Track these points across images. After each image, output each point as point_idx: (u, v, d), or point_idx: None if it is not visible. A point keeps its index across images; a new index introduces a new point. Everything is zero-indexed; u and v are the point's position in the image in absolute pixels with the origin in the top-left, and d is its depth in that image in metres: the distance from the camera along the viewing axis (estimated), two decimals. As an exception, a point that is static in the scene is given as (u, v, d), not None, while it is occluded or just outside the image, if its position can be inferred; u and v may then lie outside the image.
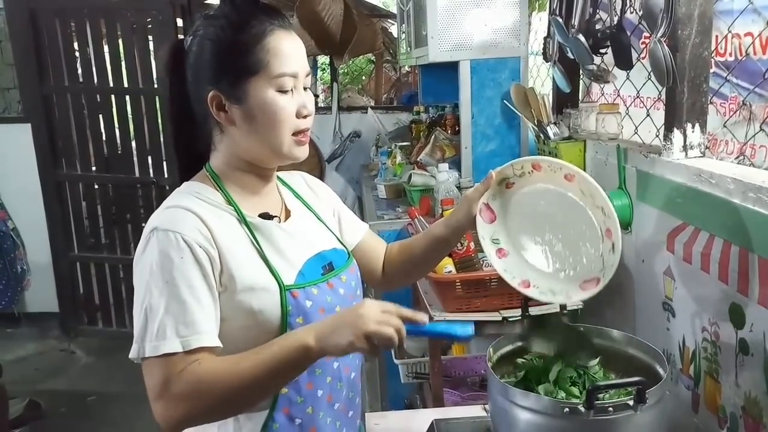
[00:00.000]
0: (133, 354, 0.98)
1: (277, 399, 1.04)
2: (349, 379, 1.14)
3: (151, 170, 4.15)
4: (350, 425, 1.17)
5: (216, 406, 0.95)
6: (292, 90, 1.04)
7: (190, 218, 1.01)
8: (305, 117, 1.07)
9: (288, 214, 1.18)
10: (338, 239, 1.22)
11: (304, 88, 1.08)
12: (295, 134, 1.06)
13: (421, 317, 0.98)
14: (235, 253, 1.02)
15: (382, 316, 0.93)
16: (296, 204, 1.21)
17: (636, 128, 1.79)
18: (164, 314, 0.96)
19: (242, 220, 1.07)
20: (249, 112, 1.03)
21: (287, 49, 1.04)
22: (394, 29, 5.28)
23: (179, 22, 3.98)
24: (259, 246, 1.06)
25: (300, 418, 1.07)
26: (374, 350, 0.93)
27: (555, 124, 2.07)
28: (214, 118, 1.06)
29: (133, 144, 4.15)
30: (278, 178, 1.21)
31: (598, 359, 1.16)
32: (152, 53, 4.01)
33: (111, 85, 4.05)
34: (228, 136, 1.08)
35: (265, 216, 1.11)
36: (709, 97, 1.46)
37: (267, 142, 1.05)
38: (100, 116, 4.14)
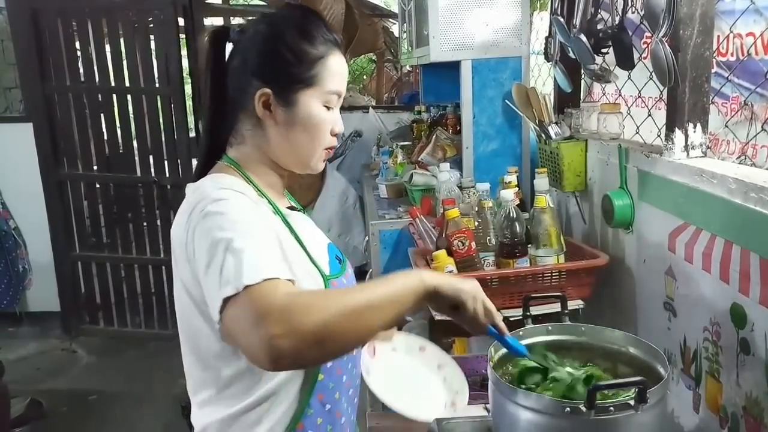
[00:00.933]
0: (228, 292, 0.86)
1: (315, 385, 1.07)
2: (357, 365, 1.19)
3: (152, 170, 4.15)
4: (354, 412, 1.20)
5: (326, 323, 0.83)
6: (333, 108, 1.10)
7: (245, 198, 1.02)
8: (335, 135, 1.12)
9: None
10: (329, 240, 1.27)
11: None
12: (324, 149, 1.11)
13: (505, 329, 1.06)
14: (282, 241, 1.04)
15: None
16: (295, 204, 1.26)
17: (637, 128, 1.79)
18: (250, 252, 0.89)
19: (276, 211, 1.09)
20: (293, 118, 1.07)
21: (340, 70, 1.10)
22: (395, 29, 5.28)
23: (181, 21, 3.98)
24: (295, 233, 1.08)
25: (330, 403, 1.10)
26: (472, 319, 1.00)
27: (556, 123, 2.07)
28: (249, 111, 1.08)
29: (135, 143, 4.15)
30: None
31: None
32: (154, 53, 4.01)
33: (112, 84, 4.05)
34: (263, 132, 1.10)
35: (292, 209, 1.16)
36: (711, 97, 1.46)
37: (299, 149, 1.10)
38: (102, 116, 4.14)
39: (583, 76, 2.15)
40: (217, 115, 1.13)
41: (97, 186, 4.25)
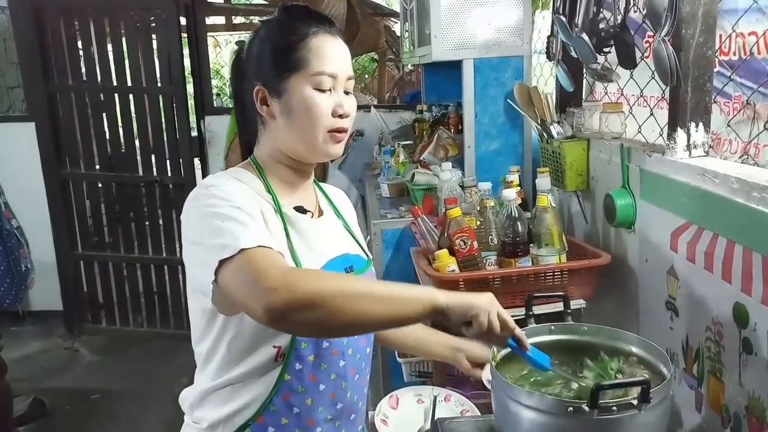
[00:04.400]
0: (226, 254, 0.93)
1: (279, 383, 1.08)
2: (354, 381, 1.17)
3: (154, 169, 4.16)
4: (350, 428, 1.19)
5: (328, 292, 0.89)
6: (330, 90, 1.10)
7: (241, 183, 1.10)
8: (341, 117, 1.12)
9: (321, 213, 1.23)
10: (362, 248, 1.27)
11: (346, 93, 1.13)
12: (330, 131, 1.11)
13: (527, 343, 1.06)
14: (270, 232, 1.07)
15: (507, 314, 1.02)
16: (328, 208, 1.27)
17: (639, 127, 1.79)
18: (246, 225, 0.97)
19: (278, 209, 1.11)
20: (287, 107, 1.10)
21: (329, 51, 1.10)
22: (397, 28, 5.27)
23: (183, 21, 3.98)
24: (289, 237, 1.10)
25: (298, 407, 1.10)
26: (487, 333, 0.98)
27: (558, 123, 2.07)
28: (257, 111, 1.13)
29: (137, 143, 4.16)
30: (317, 184, 1.28)
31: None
32: (156, 52, 4.01)
33: (115, 84, 4.06)
34: (269, 129, 1.15)
35: (300, 210, 1.16)
36: (713, 97, 1.46)
37: (302, 136, 1.11)
38: (104, 115, 4.15)
39: (585, 76, 2.14)
40: (241, 121, 1.23)
41: (100, 185, 4.26)
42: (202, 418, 1.13)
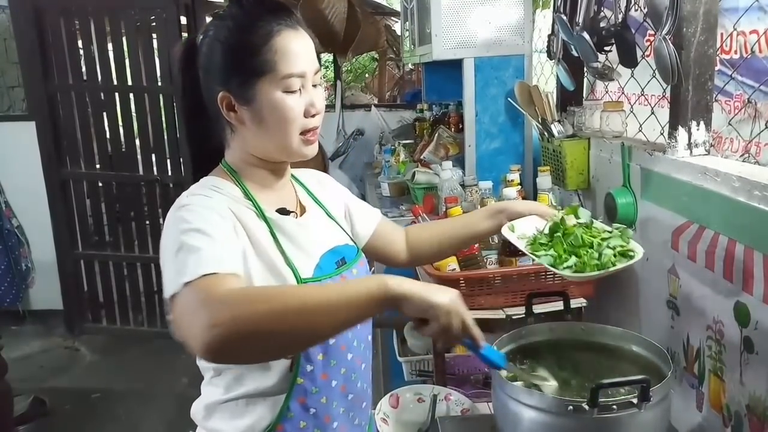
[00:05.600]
0: (170, 290, 0.89)
1: (293, 388, 1.06)
2: (361, 370, 1.17)
3: (155, 168, 4.16)
4: (362, 416, 1.20)
5: (266, 316, 0.82)
6: (300, 89, 1.05)
7: (220, 197, 1.05)
8: (313, 116, 1.08)
9: (303, 209, 1.20)
10: (348, 236, 1.25)
11: (314, 85, 1.08)
12: (303, 133, 1.08)
13: (482, 342, 0.98)
14: (257, 242, 1.05)
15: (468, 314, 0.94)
16: (309, 201, 1.23)
17: (640, 126, 1.79)
18: (198, 251, 0.92)
19: (261, 214, 1.08)
20: (258, 113, 1.05)
21: (295, 49, 1.04)
22: (397, 27, 5.28)
23: (183, 20, 3.98)
24: (277, 240, 1.07)
25: (314, 407, 1.09)
26: (444, 335, 0.91)
27: (559, 122, 2.07)
28: (223, 117, 1.08)
29: (137, 142, 4.16)
30: (293, 176, 1.24)
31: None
32: (156, 51, 4.01)
33: (115, 83, 4.05)
34: (239, 135, 1.10)
35: (283, 211, 1.13)
36: (714, 95, 1.46)
37: (276, 141, 1.07)
38: (104, 114, 4.14)
39: (585, 74, 2.14)
40: (195, 127, 1.16)
41: (100, 184, 4.26)
42: (219, 430, 1.11)
